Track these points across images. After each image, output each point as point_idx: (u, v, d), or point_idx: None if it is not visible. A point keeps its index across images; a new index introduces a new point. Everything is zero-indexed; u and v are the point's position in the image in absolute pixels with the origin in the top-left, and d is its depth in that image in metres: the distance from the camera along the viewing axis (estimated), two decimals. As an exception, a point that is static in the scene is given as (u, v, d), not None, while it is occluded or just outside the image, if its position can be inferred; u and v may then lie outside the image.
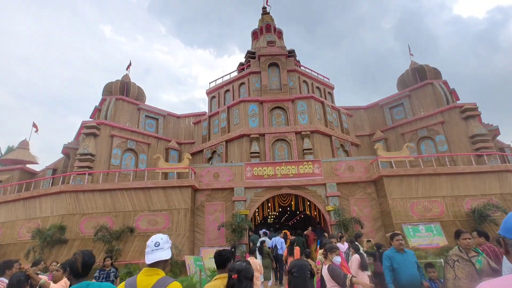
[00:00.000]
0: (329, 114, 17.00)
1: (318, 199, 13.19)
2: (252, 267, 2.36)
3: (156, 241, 2.01)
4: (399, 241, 4.34)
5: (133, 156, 15.60)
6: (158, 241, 2.01)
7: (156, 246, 1.98)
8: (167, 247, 2.03)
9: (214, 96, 19.79)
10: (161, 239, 2.02)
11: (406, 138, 16.19)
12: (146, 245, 2.03)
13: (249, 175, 13.54)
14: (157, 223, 11.88)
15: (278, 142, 15.26)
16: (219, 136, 16.52)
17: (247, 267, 2.26)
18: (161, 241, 2.01)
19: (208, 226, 12.77)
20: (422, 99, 16.81)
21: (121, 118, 16.31)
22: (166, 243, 2.03)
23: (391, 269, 4.23)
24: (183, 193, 12.40)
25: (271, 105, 16.14)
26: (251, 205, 13.07)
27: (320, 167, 13.67)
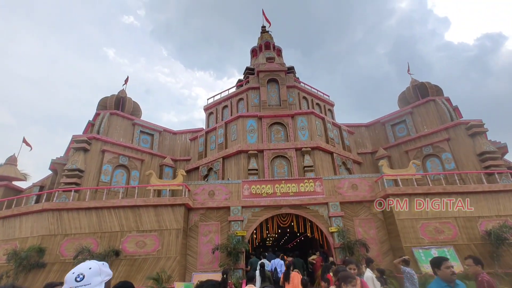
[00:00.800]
0: (330, 130, 16.47)
1: (320, 219, 12.29)
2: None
3: (80, 273, 1.27)
4: (450, 269, 3.06)
5: (124, 172, 14.81)
6: (83, 272, 1.27)
7: (78, 281, 1.24)
8: (98, 283, 1.28)
9: (212, 112, 19.36)
10: (88, 270, 1.29)
11: (411, 155, 15.55)
12: (64, 280, 1.28)
13: (246, 193, 12.73)
14: (145, 245, 10.89)
15: (277, 159, 14.58)
16: (216, 153, 15.86)
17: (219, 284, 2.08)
18: (88, 272, 1.28)
19: (201, 248, 11.76)
20: (425, 116, 16.37)
21: (115, 133, 15.71)
22: (95, 276, 1.30)
23: None
24: (175, 212, 11.52)
25: (270, 120, 15.63)
26: (248, 225, 12.14)
27: (322, 185, 12.90)
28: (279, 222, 12.53)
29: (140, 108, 18.62)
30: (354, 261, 4.18)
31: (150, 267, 10.52)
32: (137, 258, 10.65)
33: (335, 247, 11.57)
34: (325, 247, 12.94)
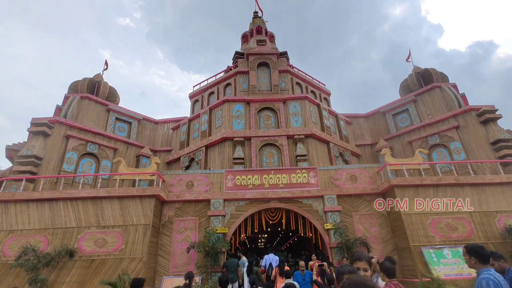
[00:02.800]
0: (326, 118, 14.90)
1: (314, 214, 10.66)
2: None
3: None
4: None
5: (93, 162, 13.03)
6: None
7: None
8: None
9: (197, 99, 17.67)
10: None
11: (415, 146, 14.04)
12: None
13: (230, 185, 11.05)
14: (106, 243, 9.13)
15: (266, 147, 12.94)
16: (199, 141, 14.16)
17: None
18: None
19: (175, 248, 10.04)
20: (430, 104, 14.89)
21: (85, 119, 13.93)
22: None
23: None
24: (144, 205, 9.79)
25: (259, 105, 14.00)
26: (231, 221, 10.46)
27: (317, 176, 11.29)
28: (267, 217, 10.87)
29: (118, 95, 16.85)
30: (366, 256, 2.53)
31: (110, 270, 8.77)
32: (95, 259, 8.88)
33: (331, 246, 9.95)
34: (320, 247, 11.30)
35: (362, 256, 2.51)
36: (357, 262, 2.46)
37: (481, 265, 2.70)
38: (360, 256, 2.50)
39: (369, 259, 2.53)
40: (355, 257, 2.55)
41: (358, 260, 2.48)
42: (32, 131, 11.84)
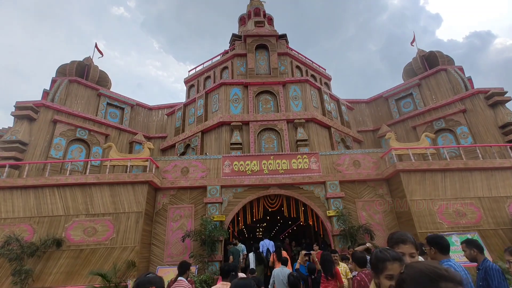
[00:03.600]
0: (327, 102, 14.29)
1: (316, 201, 10.18)
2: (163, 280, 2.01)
3: None
4: None
5: (83, 148, 12.39)
6: None
7: None
8: None
9: (193, 84, 16.94)
10: None
11: (419, 131, 13.52)
12: None
13: (227, 171, 10.50)
14: (96, 232, 8.59)
15: (265, 132, 12.34)
16: (195, 127, 13.52)
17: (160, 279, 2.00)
18: None
19: (170, 237, 9.55)
20: (435, 88, 14.31)
21: (74, 103, 13.21)
22: None
23: None
24: (136, 191, 9.23)
25: (258, 88, 13.34)
26: (228, 208, 9.96)
27: (318, 161, 10.76)
28: (266, 205, 10.37)
29: (109, 79, 16.05)
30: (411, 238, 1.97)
31: (100, 260, 8.26)
32: (84, 249, 8.36)
33: (334, 234, 9.50)
34: (321, 234, 10.88)
35: (407, 238, 1.94)
36: (401, 246, 1.90)
37: (442, 256, 2.61)
38: (404, 238, 1.94)
39: (415, 241, 1.97)
40: (396, 239, 1.96)
41: (401, 243, 1.91)
42: (16, 115, 11.14)
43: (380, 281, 1.70)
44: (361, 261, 3.66)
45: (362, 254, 3.76)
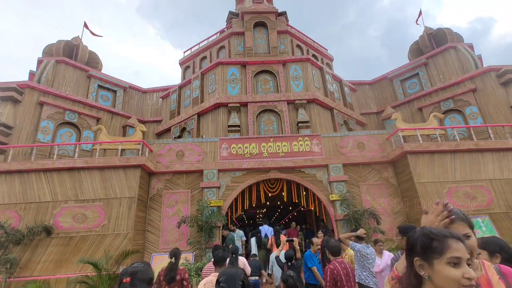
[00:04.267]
0: (329, 83, 13.59)
1: (318, 185, 9.71)
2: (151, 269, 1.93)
3: None
4: None
5: (73, 132, 11.78)
6: None
7: None
8: None
9: (188, 66, 16.14)
10: None
11: (425, 113, 12.92)
12: None
13: (225, 154, 9.96)
14: (86, 219, 8.13)
15: (265, 114, 11.73)
16: (190, 109, 12.88)
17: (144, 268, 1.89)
18: None
19: (165, 223, 9.11)
20: (443, 67, 13.59)
21: (62, 85, 12.48)
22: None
23: None
24: (128, 176, 8.71)
25: (257, 68, 12.60)
26: (226, 193, 9.48)
27: (321, 143, 10.21)
28: (266, 189, 9.91)
29: (100, 60, 15.21)
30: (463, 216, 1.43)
31: (91, 247, 7.84)
32: (73, 236, 7.92)
33: (337, 219, 9.08)
34: (324, 220, 10.48)
35: (457, 216, 1.41)
36: (452, 226, 1.36)
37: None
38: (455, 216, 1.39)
39: (469, 221, 1.44)
40: None
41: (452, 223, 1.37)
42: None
43: (436, 269, 1.13)
44: (334, 250, 3.62)
45: (336, 243, 3.73)
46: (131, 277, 1.81)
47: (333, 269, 3.34)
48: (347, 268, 3.45)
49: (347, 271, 3.41)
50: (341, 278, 3.28)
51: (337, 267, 3.31)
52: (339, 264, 3.35)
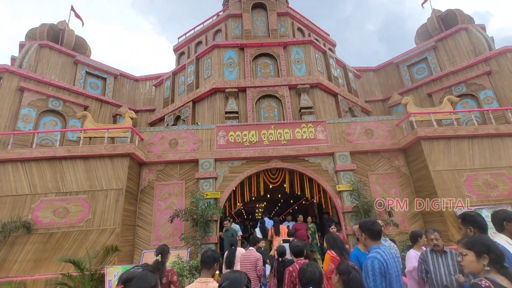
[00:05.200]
0: (333, 68, 12.76)
1: (323, 175, 8.95)
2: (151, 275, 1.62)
3: None
4: None
5: (58, 121, 10.91)
6: None
7: None
8: None
9: (183, 52, 15.22)
10: None
11: (436, 99, 12.15)
12: None
13: (222, 142, 9.16)
14: (69, 213, 7.34)
15: (265, 100, 10.90)
16: (185, 96, 12.02)
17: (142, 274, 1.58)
18: None
19: (158, 217, 8.35)
20: (454, 50, 12.76)
21: (46, 71, 11.56)
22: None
23: None
24: (115, 166, 7.91)
25: (256, 51, 11.73)
26: (224, 185, 8.71)
27: (326, 130, 9.43)
28: (267, 180, 9.14)
29: (88, 46, 14.26)
30: None
31: (74, 244, 7.07)
32: (54, 232, 7.13)
33: (345, 211, 8.34)
34: (330, 212, 9.75)
35: None
36: None
37: (372, 242, 2.56)
38: None
39: None
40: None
41: None
42: (-26, 82, 9.56)
43: None
44: (296, 250, 3.52)
45: (298, 243, 3.61)
46: (124, 285, 1.53)
47: (291, 271, 3.18)
48: None
49: None
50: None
51: (296, 270, 3.07)
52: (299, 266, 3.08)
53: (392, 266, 2.34)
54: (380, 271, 2.25)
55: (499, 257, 1.75)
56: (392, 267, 2.33)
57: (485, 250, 1.79)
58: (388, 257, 2.36)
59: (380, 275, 2.25)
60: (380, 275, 2.25)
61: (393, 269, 2.33)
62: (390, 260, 2.36)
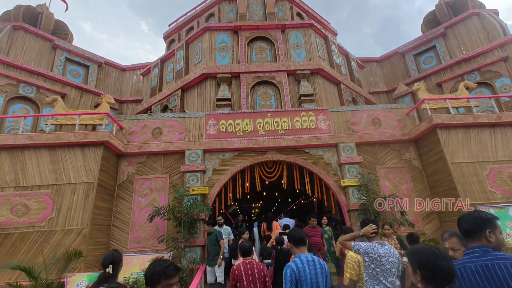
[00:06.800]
0: (335, 54, 11.77)
1: (326, 168, 7.94)
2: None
3: None
4: None
5: (30, 109, 9.80)
6: None
7: None
8: None
9: (173, 39, 14.14)
10: None
11: (446, 89, 11.20)
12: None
13: (212, 132, 8.12)
14: (28, 210, 6.25)
15: (261, 86, 9.86)
16: (173, 84, 10.96)
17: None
18: None
19: (137, 216, 7.28)
20: (465, 37, 11.83)
21: (20, 55, 10.46)
22: None
23: None
24: (86, 156, 6.83)
25: (251, 34, 10.70)
26: (213, 179, 7.67)
27: (328, 119, 8.43)
28: (262, 174, 8.10)
29: (69, 31, 13.14)
30: None
31: (34, 247, 5.98)
32: (10, 233, 6.03)
33: (350, 209, 7.32)
34: (333, 211, 8.73)
35: None
36: None
37: (296, 249, 2.77)
38: None
39: None
40: None
41: None
42: None
43: None
44: (243, 250, 3.60)
45: (246, 243, 3.68)
46: None
47: (234, 269, 3.38)
48: (253, 269, 3.34)
49: (252, 271, 3.33)
50: (241, 279, 3.27)
51: (239, 268, 3.35)
52: (244, 265, 3.38)
53: (307, 273, 2.51)
54: (291, 279, 2.50)
55: (434, 276, 1.44)
56: (307, 274, 2.50)
57: (417, 265, 1.53)
58: (305, 265, 2.56)
59: (291, 282, 2.49)
60: (291, 282, 2.49)
61: (308, 276, 2.50)
62: (306, 268, 2.55)
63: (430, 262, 1.46)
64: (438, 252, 1.50)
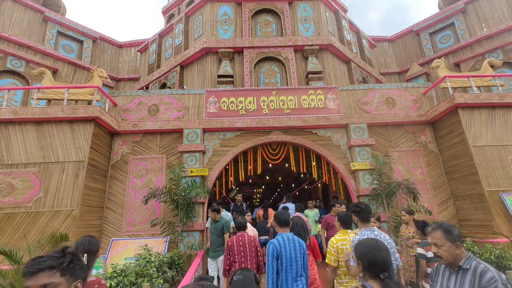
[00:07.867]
0: (346, 30, 10.96)
1: (334, 151, 7.38)
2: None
3: None
4: None
5: (19, 84, 9.23)
6: None
7: None
8: None
9: (172, 14, 13.30)
10: None
11: (464, 69, 10.43)
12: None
13: (212, 110, 7.53)
14: (14, 190, 5.79)
15: (265, 63, 9.16)
16: (172, 60, 10.27)
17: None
18: None
19: (132, 198, 6.83)
20: (487, 13, 10.91)
21: (8, 27, 9.76)
22: None
23: None
24: (75, 133, 6.30)
25: (255, 6, 9.88)
26: (213, 160, 7.15)
27: (338, 98, 7.78)
28: (266, 156, 7.56)
29: (62, 4, 12.32)
30: None
31: (19, 229, 5.56)
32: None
33: (360, 194, 6.82)
34: (337, 197, 8.25)
35: None
36: None
37: (279, 229, 3.02)
38: None
39: None
40: None
41: None
42: None
43: None
44: (238, 226, 3.95)
45: (241, 220, 3.99)
46: None
47: (228, 241, 3.72)
48: (244, 241, 3.64)
49: (243, 242, 3.62)
50: (233, 249, 3.58)
51: (232, 240, 3.67)
52: (237, 238, 3.68)
53: (287, 250, 2.81)
54: (273, 254, 2.79)
55: (370, 266, 1.61)
56: (287, 251, 2.81)
57: (358, 256, 1.71)
58: (286, 243, 2.86)
59: (272, 256, 2.79)
60: (272, 256, 2.79)
61: (287, 252, 2.80)
62: (286, 245, 2.85)
63: (368, 253, 1.64)
64: (375, 244, 1.67)
